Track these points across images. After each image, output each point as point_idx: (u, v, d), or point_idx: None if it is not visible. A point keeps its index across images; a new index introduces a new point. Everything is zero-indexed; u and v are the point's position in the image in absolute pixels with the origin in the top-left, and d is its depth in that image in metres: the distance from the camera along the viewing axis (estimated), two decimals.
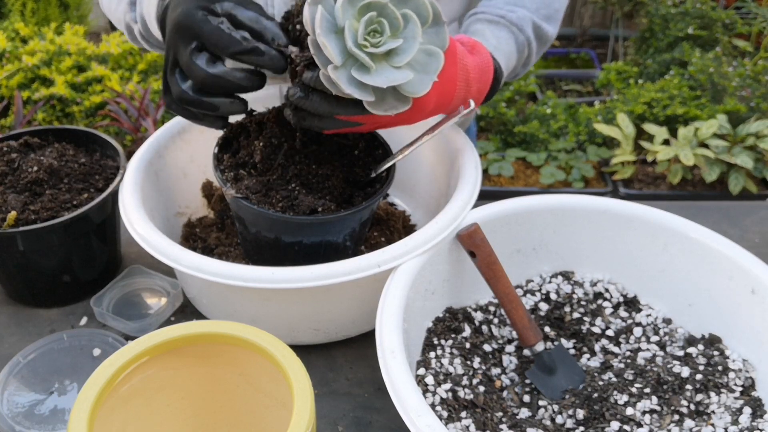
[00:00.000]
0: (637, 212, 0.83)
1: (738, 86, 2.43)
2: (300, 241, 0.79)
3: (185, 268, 0.73)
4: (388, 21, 0.65)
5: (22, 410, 0.75)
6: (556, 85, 3.09)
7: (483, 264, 0.77)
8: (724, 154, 2.27)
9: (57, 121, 2.28)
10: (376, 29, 0.65)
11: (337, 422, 0.76)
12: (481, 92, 0.77)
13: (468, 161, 0.86)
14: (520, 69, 0.90)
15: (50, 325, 0.88)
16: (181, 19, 0.67)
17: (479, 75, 0.76)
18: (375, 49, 0.64)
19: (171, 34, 0.68)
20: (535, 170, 2.55)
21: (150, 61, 2.43)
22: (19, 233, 0.81)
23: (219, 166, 0.80)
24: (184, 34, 0.66)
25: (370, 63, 0.63)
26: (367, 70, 0.64)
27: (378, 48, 0.64)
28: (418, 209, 1.03)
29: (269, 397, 0.64)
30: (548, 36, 0.91)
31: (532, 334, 0.77)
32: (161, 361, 0.62)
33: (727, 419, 0.71)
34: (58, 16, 2.74)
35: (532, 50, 0.89)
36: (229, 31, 0.65)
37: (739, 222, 1.07)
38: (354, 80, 0.64)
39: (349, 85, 0.63)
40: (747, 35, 2.85)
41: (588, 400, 0.73)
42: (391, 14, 0.65)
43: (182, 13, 0.67)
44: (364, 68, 0.64)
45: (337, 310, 0.80)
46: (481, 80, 0.76)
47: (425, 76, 0.67)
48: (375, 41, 0.64)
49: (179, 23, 0.67)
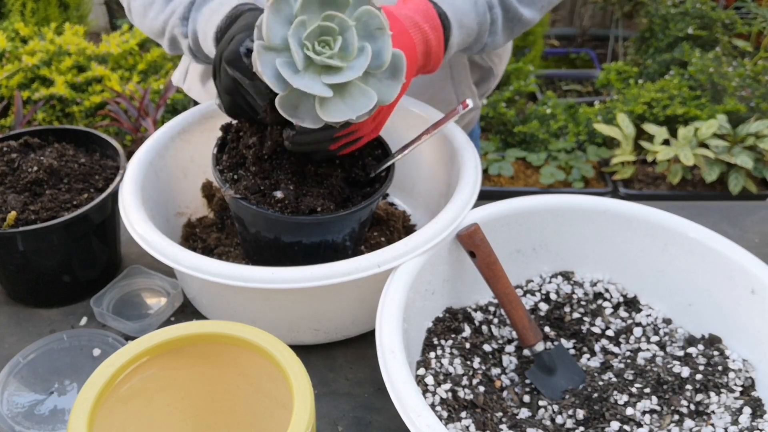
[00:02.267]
0: (637, 212, 0.83)
1: (738, 86, 2.43)
2: (299, 241, 0.79)
3: (185, 269, 0.73)
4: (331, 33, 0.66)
5: (22, 410, 0.75)
6: (556, 85, 3.09)
7: (483, 264, 0.77)
8: (724, 154, 2.27)
9: (57, 121, 2.28)
10: (326, 41, 0.66)
11: (336, 422, 0.76)
12: (436, 29, 0.79)
13: (468, 161, 0.86)
14: (487, 37, 0.88)
15: (50, 325, 0.88)
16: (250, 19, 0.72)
17: (423, 15, 0.78)
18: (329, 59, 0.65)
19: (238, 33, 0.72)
20: (535, 170, 2.55)
21: (150, 62, 2.43)
22: (19, 233, 0.81)
23: (218, 166, 0.80)
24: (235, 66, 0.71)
25: (338, 64, 0.64)
26: (336, 70, 0.65)
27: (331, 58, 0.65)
28: (418, 209, 1.03)
29: (269, 397, 0.64)
30: (518, 13, 0.89)
31: (532, 334, 0.77)
32: (161, 361, 0.61)
33: (727, 419, 0.71)
34: (58, 16, 2.74)
35: (496, 16, 0.87)
36: None
37: (739, 222, 1.07)
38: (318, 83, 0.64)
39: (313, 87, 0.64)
40: (747, 35, 2.85)
41: (588, 400, 0.73)
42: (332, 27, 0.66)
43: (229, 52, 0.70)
44: (330, 70, 0.65)
45: (337, 311, 0.80)
46: (427, 17, 0.78)
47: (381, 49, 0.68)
48: (327, 51, 0.65)
49: (249, 23, 0.71)
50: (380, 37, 0.67)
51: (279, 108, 0.65)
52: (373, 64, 0.67)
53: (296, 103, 0.65)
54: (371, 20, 0.66)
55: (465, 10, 0.83)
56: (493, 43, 0.89)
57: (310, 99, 0.65)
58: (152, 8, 0.90)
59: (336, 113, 0.65)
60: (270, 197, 0.76)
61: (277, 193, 0.76)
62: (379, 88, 0.68)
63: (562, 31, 3.52)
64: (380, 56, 0.67)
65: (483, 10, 0.85)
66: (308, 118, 0.66)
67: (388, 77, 0.69)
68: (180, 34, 0.87)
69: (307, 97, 0.65)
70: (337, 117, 0.65)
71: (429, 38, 0.78)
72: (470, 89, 1.08)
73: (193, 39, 0.86)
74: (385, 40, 0.67)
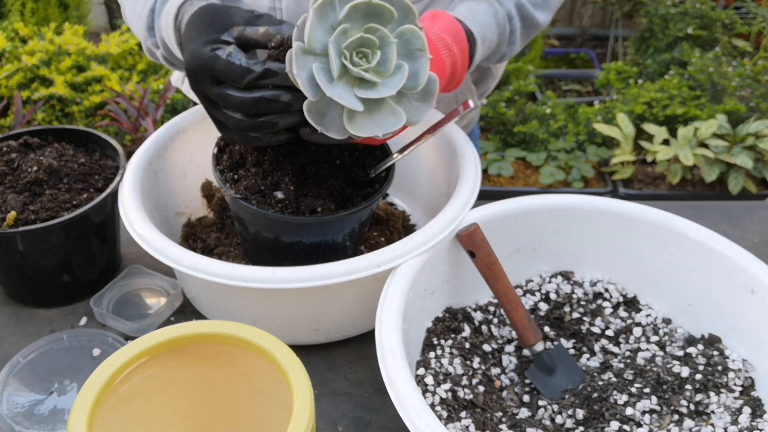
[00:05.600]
0: (637, 212, 0.83)
1: (737, 86, 2.43)
2: (299, 241, 0.79)
3: (185, 268, 0.73)
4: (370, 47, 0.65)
5: (21, 410, 0.75)
6: (555, 85, 3.09)
7: (483, 264, 0.77)
8: (723, 154, 2.27)
9: (57, 121, 2.28)
10: (364, 53, 0.64)
11: (336, 422, 0.76)
12: (463, 51, 0.78)
13: (468, 161, 0.86)
14: (506, 48, 0.89)
15: (50, 325, 0.88)
16: (190, 63, 0.66)
17: (453, 36, 0.77)
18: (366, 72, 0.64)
19: (189, 79, 0.67)
20: (534, 170, 2.55)
21: (150, 61, 2.43)
22: (19, 233, 0.81)
23: (218, 166, 0.80)
24: (199, 76, 0.66)
25: (373, 78, 0.63)
26: (372, 85, 0.64)
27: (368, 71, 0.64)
28: (418, 209, 1.03)
29: (269, 397, 0.64)
30: (535, 20, 0.89)
31: (532, 334, 0.77)
32: (161, 361, 0.61)
33: (727, 419, 0.71)
34: (58, 16, 2.74)
35: (515, 27, 0.87)
36: (239, 61, 0.64)
37: (738, 222, 1.07)
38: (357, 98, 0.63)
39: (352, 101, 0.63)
40: (746, 35, 2.85)
41: (588, 400, 0.73)
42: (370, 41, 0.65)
43: (191, 57, 0.66)
44: (366, 84, 0.64)
45: (336, 310, 0.80)
46: (457, 39, 0.77)
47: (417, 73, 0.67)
48: (365, 64, 0.64)
49: (190, 69, 0.66)
50: (419, 59, 0.66)
51: (306, 113, 0.64)
52: (408, 85, 0.66)
53: (324, 111, 0.64)
54: (413, 39, 0.65)
55: (487, 25, 0.83)
56: (511, 52, 0.90)
57: (338, 109, 0.64)
58: (134, 16, 0.86)
59: (363, 128, 0.64)
60: (270, 197, 0.76)
61: (278, 193, 0.76)
62: (408, 109, 0.67)
63: (561, 31, 3.52)
64: (416, 77, 0.66)
65: (503, 21, 0.85)
66: (333, 129, 0.65)
67: (419, 99, 0.68)
68: (152, 45, 0.84)
69: (336, 107, 0.64)
70: (364, 132, 0.64)
71: (456, 61, 0.77)
72: (469, 89, 1.08)
73: (163, 47, 0.82)
74: (423, 62, 0.66)
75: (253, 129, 0.68)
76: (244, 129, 0.68)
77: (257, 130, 0.68)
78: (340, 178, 0.80)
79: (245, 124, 0.67)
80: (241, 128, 0.68)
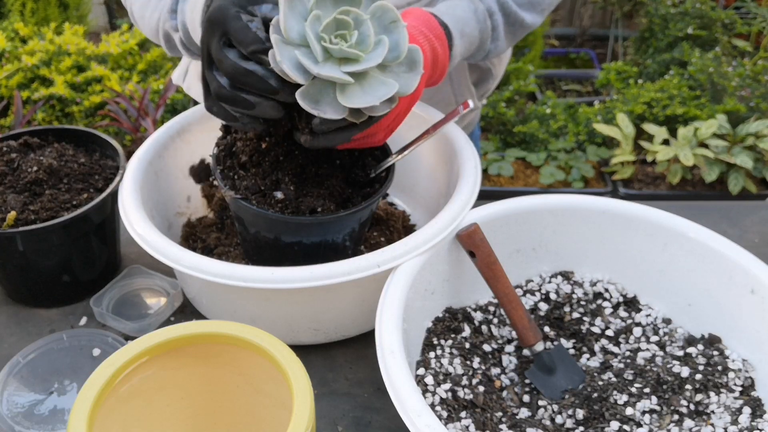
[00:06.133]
0: (637, 212, 0.83)
1: (737, 86, 2.43)
2: (299, 241, 0.79)
3: (185, 268, 0.73)
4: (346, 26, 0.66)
5: (21, 410, 0.75)
6: (555, 85, 3.09)
7: (483, 264, 0.77)
8: (723, 154, 2.27)
9: (57, 121, 2.28)
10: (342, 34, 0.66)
11: (336, 422, 0.76)
12: (440, 39, 0.79)
13: (468, 161, 0.86)
14: (490, 44, 0.89)
15: (50, 325, 0.88)
16: (213, 14, 0.67)
17: (427, 26, 0.78)
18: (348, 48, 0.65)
19: (204, 29, 0.69)
20: (534, 170, 2.55)
21: (150, 61, 2.43)
22: (19, 233, 0.81)
23: (218, 166, 0.80)
24: (214, 28, 0.67)
25: (356, 53, 0.64)
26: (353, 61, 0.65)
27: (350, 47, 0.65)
28: (418, 209, 1.03)
29: (269, 397, 0.64)
30: (519, 18, 0.89)
31: (532, 334, 0.77)
32: (161, 361, 0.61)
33: (727, 419, 0.71)
34: (58, 16, 2.74)
35: (497, 23, 0.87)
36: (255, 29, 0.65)
37: (738, 222, 1.07)
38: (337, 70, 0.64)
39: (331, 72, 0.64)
40: (746, 35, 2.85)
41: (588, 400, 0.73)
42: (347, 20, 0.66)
43: (216, 8, 0.67)
44: (346, 61, 0.65)
45: (336, 310, 0.80)
46: (431, 28, 0.78)
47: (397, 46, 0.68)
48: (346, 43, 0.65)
49: (211, 17, 0.68)
50: (395, 30, 0.67)
51: (300, 101, 0.65)
52: (390, 56, 0.67)
53: (317, 96, 0.65)
54: (385, 14, 0.67)
55: (465, 19, 0.83)
56: (496, 49, 0.90)
57: (330, 90, 0.66)
58: (148, 7, 0.89)
59: (357, 99, 0.65)
60: (270, 197, 0.76)
61: (278, 193, 0.76)
62: (397, 79, 0.68)
63: (561, 31, 3.52)
64: (397, 47, 0.67)
65: (483, 17, 0.85)
66: (330, 109, 0.66)
67: (406, 70, 0.69)
68: (171, 28, 0.86)
69: (327, 88, 0.65)
70: (359, 103, 0.65)
71: (436, 47, 0.78)
72: (469, 90, 1.08)
73: (183, 31, 0.85)
74: (401, 32, 0.67)
75: (231, 101, 0.68)
76: (222, 98, 0.68)
77: (234, 104, 0.68)
78: (340, 178, 0.80)
79: (225, 92, 0.68)
80: (219, 96, 0.68)
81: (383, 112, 0.67)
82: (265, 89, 0.66)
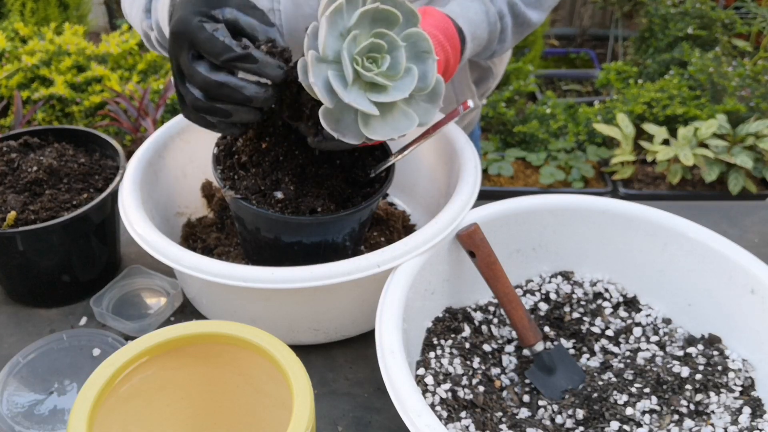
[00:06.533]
0: (637, 212, 0.83)
1: (737, 86, 2.43)
2: (299, 241, 0.79)
3: (185, 268, 0.73)
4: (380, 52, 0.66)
5: (21, 410, 0.75)
6: (555, 85, 3.09)
7: (483, 264, 0.77)
8: (723, 154, 2.27)
9: (57, 121, 2.28)
10: (374, 57, 0.65)
11: (336, 422, 0.76)
12: (455, 48, 0.79)
13: (468, 161, 0.86)
14: (496, 45, 0.89)
15: (50, 325, 0.88)
16: (177, 26, 0.66)
17: (444, 33, 0.78)
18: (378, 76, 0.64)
19: (170, 43, 0.68)
20: (534, 170, 2.55)
21: (149, 61, 2.43)
22: (19, 233, 0.81)
23: (218, 166, 0.80)
24: (180, 41, 0.66)
25: (385, 82, 0.64)
26: (383, 89, 0.65)
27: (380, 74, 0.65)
28: (418, 209, 1.03)
29: (269, 397, 0.64)
30: (527, 18, 0.90)
31: (532, 334, 0.77)
32: (161, 361, 0.61)
33: (727, 419, 0.71)
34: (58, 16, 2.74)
35: (506, 25, 0.88)
36: (223, 38, 0.64)
37: (738, 222, 1.07)
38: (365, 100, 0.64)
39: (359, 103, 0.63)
40: (746, 35, 2.85)
41: (588, 400, 0.73)
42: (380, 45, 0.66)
43: (179, 20, 0.66)
44: (377, 88, 0.65)
45: (336, 310, 0.80)
46: (448, 36, 0.78)
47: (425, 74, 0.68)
48: (376, 69, 0.65)
49: (175, 31, 0.66)
50: (426, 60, 0.67)
51: (323, 120, 0.64)
52: (418, 87, 0.67)
53: (339, 117, 0.65)
54: (420, 42, 0.66)
55: (478, 22, 0.83)
56: (501, 49, 0.91)
57: (351, 114, 0.65)
58: (133, 6, 0.89)
59: (379, 132, 0.65)
60: (270, 197, 0.76)
61: (278, 193, 0.76)
62: (417, 110, 0.68)
63: (561, 31, 3.52)
64: (425, 79, 0.67)
65: (494, 19, 0.86)
66: (350, 134, 0.66)
67: (426, 101, 0.69)
68: (147, 27, 0.85)
69: (349, 112, 0.65)
70: (380, 136, 0.65)
71: (449, 57, 0.78)
72: (469, 89, 1.08)
73: (157, 30, 0.84)
74: (431, 64, 0.67)
75: (208, 112, 0.68)
76: (199, 109, 0.68)
77: (212, 114, 0.68)
78: (340, 178, 0.80)
79: (201, 104, 0.67)
80: (196, 107, 0.68)
81: (397, 138, 0.68)
82: (240, 99, 0.65)
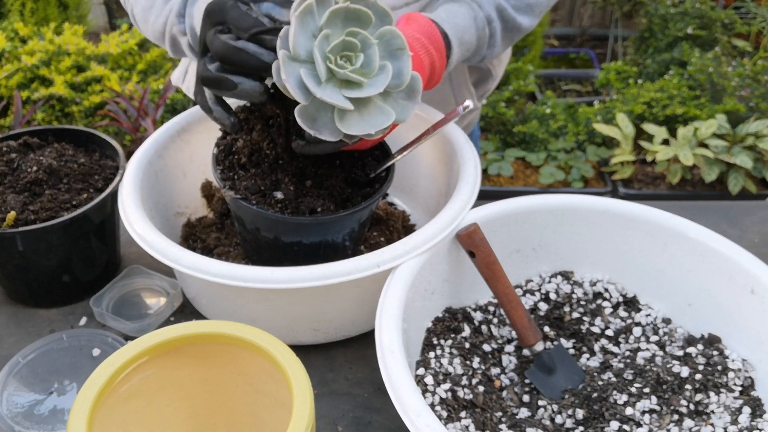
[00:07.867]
0: (637, 212, 0.83)
1: (737, 86, 2.43)
2: (299, 241, 0.79)
3: (185, 268, 0.73)
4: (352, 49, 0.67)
5: (21, 410, 0.75)
6: (555, 85, 3.09)
7: (482, 264, 0.77)
8: (723, 154, 2.27)
9: (56, 121, 2.28)
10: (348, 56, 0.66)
11: (336, 422, 0.76)
12: (440, 50, 0.79)
13: (467, 161, 0.86)
14: (486, 50, 0.89)
15: (50, 325, 0.88)
16: (211, 6, 0.69)
17: (427, 36, 0.78)
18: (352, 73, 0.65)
19: (202, 21, 0.70)
20: (534, 170, 2.56)
21: (149, 62, 2.43)
22: (19, 233, 0.81)
23: (218, 166, 0.80)
24: (212, 17, 0.69)
25: (359, 79, 0.65)
26: (357, 86, 0.65)
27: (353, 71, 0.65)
28: (418, 209, 1.03)
29: (269, 397, 0.64)
30: (517, 23, 0.90)
31: (532, 334, 0.77)
32: (161, 361, 0.61)
33: (727, 419, 0.71)
34: (58, 16, 2.74)
35: (495, 30, 0.88)
36: (255, 15, 0.67)
37: (738, 222, 1.07)
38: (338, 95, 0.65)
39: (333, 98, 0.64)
40: (746, 35, 2.85)
41: (587, 400, 0.73)
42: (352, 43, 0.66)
43: (214, 1, 0.69)
44: (351, 85, 0.66)
45: (336, 310, 0.80)
46: (432, 39, 0.79)
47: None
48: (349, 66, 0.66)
49: (209, 9, 0.69)
50: (401, 57, 0.68)
51: (298, 118, 0.65)
52: (393, 83, 0.67)
53: (315, 115, 0.66)
54: (393, 40, 0.67)
55: (465, 27, 0.83)
56: (491, 54, 0.90)
57: (328, 112, 0.66)
58: (152, 11, 0.90)
59: (355, 127, 0.66)
60: (270, 197, 0.76)
61: (277, 193, 0.76)
62: (395, 107, 0.68)
63: (561, 31, 3.52)
64: (400, 75, 0.68)
65: (482, 24, 0.86)
66: (326, 131, 0.66)
67: (404, 98, 0.69)
68: (178, 32, 0.87)
69: (326, 110, 0.66)
70: (356, 130, 0.66)
71: (434, 59, 0.78)
72: (469, 90, 1.08)
73: (191, 34, 0.86)
74: (405, 60, 0.68)
75: (214, 84, 0.69)
76: (206, 81, 0.69)
77: (218, 87, 0.69)
78: (340, 178, 0.80)
79: (209, 75, 0.69)
80: (203, 79, 0.69)
81: (377, 137, 0.68)
82: (256, 65, 0.66)
